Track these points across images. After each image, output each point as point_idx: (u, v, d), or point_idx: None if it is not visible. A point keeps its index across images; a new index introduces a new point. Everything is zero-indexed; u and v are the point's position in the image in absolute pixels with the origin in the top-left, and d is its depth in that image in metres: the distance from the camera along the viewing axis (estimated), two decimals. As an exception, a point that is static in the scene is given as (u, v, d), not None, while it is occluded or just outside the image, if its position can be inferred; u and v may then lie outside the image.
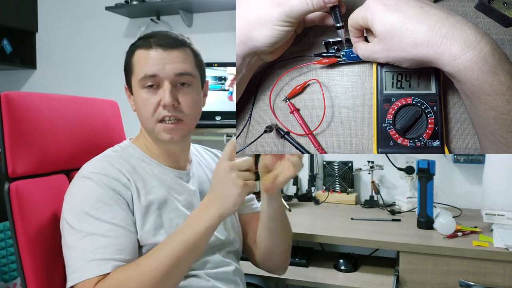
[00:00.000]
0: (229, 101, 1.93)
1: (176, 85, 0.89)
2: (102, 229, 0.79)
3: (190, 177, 0.98)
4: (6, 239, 1.96)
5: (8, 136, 0.90)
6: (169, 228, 0.87)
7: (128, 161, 0.91)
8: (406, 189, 1.76)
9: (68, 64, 2.57)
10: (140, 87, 0.89)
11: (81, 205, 0.82)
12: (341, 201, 1.81)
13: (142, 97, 0.89)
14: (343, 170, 1.85)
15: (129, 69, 0.92)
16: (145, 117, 0.90)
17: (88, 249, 0.77)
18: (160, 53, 0.88)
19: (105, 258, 0.77)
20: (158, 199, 0.88)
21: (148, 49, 0.88)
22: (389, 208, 1.70)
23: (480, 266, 1.18)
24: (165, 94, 0.87)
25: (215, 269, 0.92)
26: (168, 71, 0.88)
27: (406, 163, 1.73)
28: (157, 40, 0.89)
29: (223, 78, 1.93)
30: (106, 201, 0.82)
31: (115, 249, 0.78)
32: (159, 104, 0.88)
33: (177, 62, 0.88)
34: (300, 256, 1.44)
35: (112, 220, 0.81)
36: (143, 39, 0.91)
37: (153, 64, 0.87)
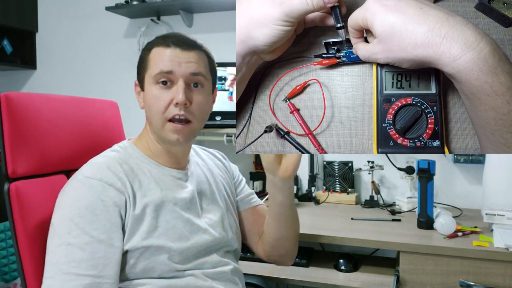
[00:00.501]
0: (229, 101, 1.93)
1: (190, 85, 0.90)
2: (81, 241, 0.79)
3: (189, 176, 0.98)
4: (6, 239, 1.96)
5: (8, 137, 0.90)
6: (165, 229, 0.87)
7: (126, 162, 0.91)
8: (406, 189, 1.76)
9: (68, 64, 2.57)
10: (153, 82, 0.89)
11: (68, 210, 0.82)
12: (341, 201, 1.81)
13: (154, 93, 0.89)
14: (343, 170, 1.85)
15: (144, 65, 0.92)
16: (155, 114, 0.89)
17: (63, 260, 0.78)
18: (178, 52, 0.88)
19: (79, 274, 0.77)
20: (154, 201, 0.88)
21: (166, 47, 0.89)
22: (389, 208, 1.70)
23: (480, 266, 1.18)
24: (178, 92, 0.87)
25: (213, 269, 0.93)
26: (184, 70, 0.88)
27: (406, 163, 1.73)
28: (176, 40, 0.90)
29: (223, 78, 1.93)
30: (92, 210, 0.81)
31: (89, 264, 0.78)
32: (171, 102, 0.88)
33: (192, 62, 0.89)
34: (300, 256, 1.44)
35: (93, 232, 0.80)
36: (161, 38, 0.92)
37: (169, 61, 0.88)
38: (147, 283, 0.85)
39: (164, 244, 0.85)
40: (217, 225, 0.97)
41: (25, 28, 2.58)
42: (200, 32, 2.23)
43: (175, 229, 0.88)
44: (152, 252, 0.85)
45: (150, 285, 0.85)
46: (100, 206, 0.82)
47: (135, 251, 0.84)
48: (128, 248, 0.84)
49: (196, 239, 0.91)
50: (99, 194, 0.83)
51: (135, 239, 0.84)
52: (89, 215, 0.81)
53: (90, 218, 0.81)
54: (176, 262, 0.87)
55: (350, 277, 1.34)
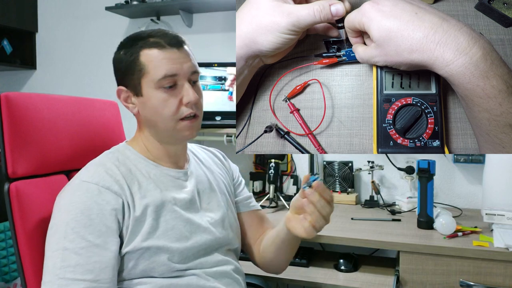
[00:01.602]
0: (229, 101, 1.92)
1: (191, 83, 0.90)
2: (77, 246, 0.79)
3: (188, 176, 0.98)
4: (6, 239, 1.96)
5: (8, 137, 0.90)
6: (165, 230, 0.87)
7: (124, 164, 0.90)
8: (406, 189, 1.76)
9: (68, 64, 2.57)
10: (155, 87, 0.88)
11: (64, 214, 0.82)
12: (341, 201, 1.81)
13: (160, 97, 0.88)
14: (343, 170, 1.85)
15: (137, 70, 0.89)
16: (166, 117, 0.89)
17: (59, 264, 0.78)
18: (175, 53, 0.88)
19: (74, 279, 0.77)
20: (154, 202, 0.88)
21: (161, 48, 0.88)
22: (389, 208, 1.70)
23: (480, 266, 1.18)
24: (188, 93, 0.87)
25: (214, 268, 0.92)
26: (186, 70, 0.88)
27: (406, 163, 1.73)
28: (168, 40, 0.88)
29: (223, 78, 1.93)
30: (88, 214, 0.81)
31: (85, 269, 0.78)
32: (180, 103, 0.88)
33: (190, 61, 0.90)
34: (300, 256, 1.44)
35: (88, 236, 0.80)
36: (143, 39, 0.89)
37: (172, 64, 0.87)
38: (147, 282, 0.85)
39: (164, 244, 0.85)
40: (218, 224, 0.97)
41: (25, 28, 2.58)
42: (200, 32, 2.23)
43: (175, 229, 0.88)
44: (152, 253, 0.85)
45: (151, 284, 0.85)
46: (96, 210, 0.82)
47: (135, 252, 0.84)
48: (128, 250, 0.83)
49: (197, 238, 0.91)
50: (96, 198, 0.83)
51: (137, 239, 0.84)
52: (85, 219, 0.81)
53: (85, 222, 0.80)
54: (176, 262, 0.87)
55: (350, 277, 1.34)
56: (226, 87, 1.93)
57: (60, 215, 0.82)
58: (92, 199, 0.82)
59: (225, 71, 1.93)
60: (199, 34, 2.23)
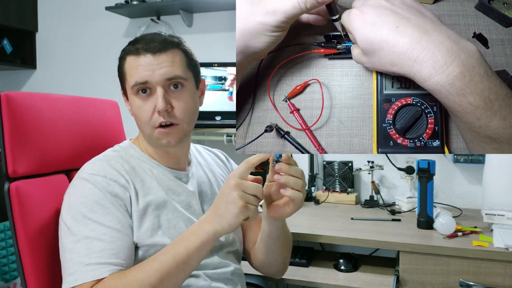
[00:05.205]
0: (229, 101, 1.93)
1: (169, 89, 0.88)
2: (98, 233, 0.80)
3: (189, 178, 0.98)
4: (6, 239, 1.96)
5: (8, 136, 0.90)
6: (167, 229, 0.88)
7: (127, 162, 0.91)
8: (406, 189, 1.76)
9: (68, 64, 2.57)
10: (133, 93, 0.89)
11: (79, 207, 0.82)
12: (341, 201, 1.81)
13: (136, 103, 0.89)
14: (343, 170, 1.85)
15: (122, 75, 0.91)
16: (143, 123, 0.90)
17: (84, 252, 0.78)
18: (149, 58, 0.86)
19: (100, 263, 0.77)
20: (156, 200, 0.89)
21: (137, 55, 0.87)
22: (389, 208, 1.70)
23: (480, 266, 1.18)
24: (158, 100, 0.86)
25: (214, 270, 0.93)
26: (158, 77, 0.86)
27: (406, 163, 1.73)
28: (145, 45, 0.87)
29: (223, 78, 1.93)
30: (103, 203, 0.82)
31: (110, 253, 0.79)
32: (154, 110, 0.87)
33: (166, 67, 0.87)
34: (300, 256, 1.44)
35: (108, 223, 0.81)
36: (131, 45, 0.90)
37: (143, 71, 0.86)
38: None
39: (168, 243, 0.85)
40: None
41: (25, 28, 2.58)
42: (200, 32, 2.23)
43: (176, 228, 0.89)
44: (157, 250, 0.84)
45: None
46: (110, 198, 0.84)
47: (142, 247, 0.85)
48: (136, 241, 0.85)
49: None
50: (106, 188, 0.84)
51: (142, 235, 0.85)
52: (101, 208, 0.82)
53: (102, 211, 0.82)
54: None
55: (350, 277, 1.34)
56: (226, 87, 1.93)
57: (75, 209, 0.83)
58: (104, 189, 0.84)
59: (225, 71, 1.93)
60: (199, 34, 2.23)
